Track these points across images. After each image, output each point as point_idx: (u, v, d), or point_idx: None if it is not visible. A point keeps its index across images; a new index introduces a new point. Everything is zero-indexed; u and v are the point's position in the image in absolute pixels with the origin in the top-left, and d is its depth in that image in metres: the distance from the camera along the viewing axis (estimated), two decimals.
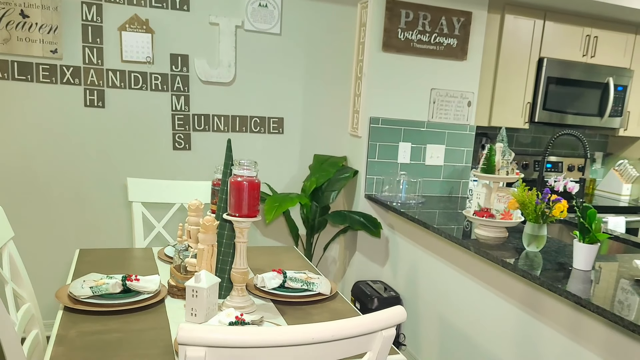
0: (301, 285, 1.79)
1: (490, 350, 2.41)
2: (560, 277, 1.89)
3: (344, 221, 3.09)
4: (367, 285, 3.25)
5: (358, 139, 3.41)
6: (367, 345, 1.17)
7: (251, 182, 1.52)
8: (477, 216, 2.49)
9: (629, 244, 2.72)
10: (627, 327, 1.54)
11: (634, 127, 4.16)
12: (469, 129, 3.52)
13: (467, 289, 2.59)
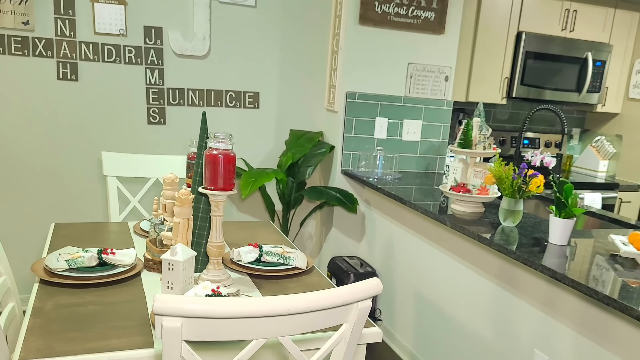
0: (277, 259, 1.82)
1: (467, 325, 2.48)
2: (535, 252, 1.94)
3: (320, 197, 3.11)
4: (343, 260, 3.29)
5: (334, 114, 3.42)
6: (343, 317, 1.20)
7: (227, 155, 1.52)
8: (453, 191, 2.54)
9: (604, 219, 2.80)
10: (602, 301, 1.60)
11: (611, 103, 4.25)
12: (446, 104, 3.56)
13: (443, 264, 2.65)
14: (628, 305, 1.51)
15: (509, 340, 2.20)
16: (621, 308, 1.53)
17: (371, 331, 1.49)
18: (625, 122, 4.27)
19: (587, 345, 1.85)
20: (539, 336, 2.05)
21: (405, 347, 2.96)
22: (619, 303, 1.53)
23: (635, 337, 1.68)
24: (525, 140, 4.36)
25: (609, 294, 1.58)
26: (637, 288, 1.65)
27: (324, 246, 3.62)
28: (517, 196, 2.26)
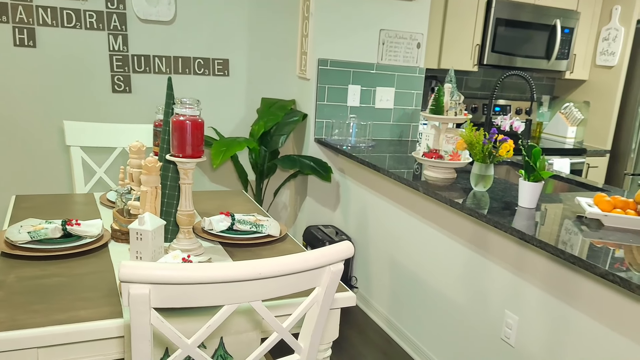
0: (250, 227, 1.80)
1: (440, 289, 2.51)
2: (506, 215, 1.96)
3: (294, 166, 3.09)
4: (318, 229, 3.29)
5: (306, 81, 3.38)
6: (315, 281, 1.20)
7: (194, 121, 1.48)
8: (426, 157, 2.54)
9: (572, 183, 2.85)
10: (568, 260, 1.62)
11: (579, 70, 4.28)
12: (418, 71, 3.54)
13: (417, 230, 2.67)
14: (592, 264, 1.54)
15: (481, 302, 2.24)
16: (586, 266, 1.55)
17: (345, 295, 1.49)
18: (592, 88, 4.32)
19: (554, 303, 1.89)
20: (509, 297, 2.09)
21: (381, 313, 3.00)
22: (584, 262, 1.56)
23: (599, 293, 1.72)
24: (497, 107, 4.39)
25: (574, 253, 1.61)
26: (601, 247, 1.69)
27: (298, 215, 3.61)
28: (487, 161, 2.28)
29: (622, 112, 4.21)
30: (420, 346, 2.66)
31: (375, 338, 2.86)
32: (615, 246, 1.71)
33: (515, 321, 2.05)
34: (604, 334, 1.71)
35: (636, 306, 1.61)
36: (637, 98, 4.09)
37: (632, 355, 1.63)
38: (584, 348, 1.79)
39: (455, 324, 2.41)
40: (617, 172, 4.27)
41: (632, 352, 1.63)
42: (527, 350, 2.01)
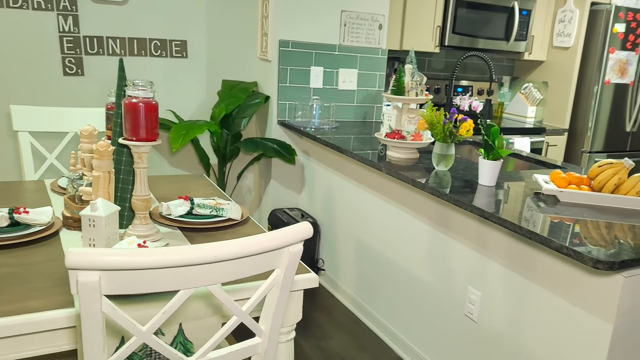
0: (210, 211, 1.76)
1: (406, 268, 2.52)
2: (466, 193, 1.97)
3: (257, 148, 3.04)
4: (283, 212, 3.27)
5: (268, 63, 3.32)
6: (274, 262, 1.17)
7: (147, 103, 1.43)
8: (388, 138, 2.53)
9: (532, 161, 2.89)
10: (525, 235, 1.64)
11: (537, 51, 4.34)
12: (381, 53, 3.52)
13: (382, 211, 2.67)
14: (548, 238, 1.56)
15: (445, 280, 2.26)
16: (542, 241, 1.57)
17: (307, 277, 1.48)
18: (550, 69, 4.39)
19: (515, 278, 1.92)
20: (472, 274, 2.11)
21: (348, 294, 3.01)
22: (540, 236, 1.58)
23: (556, 267, 1.75)
24: (459, 88, 4.41)
25: (531, 228, 1.63)
26: (557, 222, 1.71)
27: (263, 199, 3.58)
28: (448, 141, 2.29)
29: (578, 92, 4.29)
30: (386, 325, 2.68)
31: (342, 319, 2.87)
32: (570, 221, 1.74)
33: (478, 297, 2.08)
34: (561, 306, 1.75)
35: (589, 278, 1.65)
36: (592, 78, 4.17)
37: (586, 325, 1.66)
38: (543, 320, 1.82)
39: (421, 302, 2.43)
40: (575, 150, 4.36)
41: (586, 321, 1.66)
42: (489, 325, 2.04)
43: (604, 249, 1.50)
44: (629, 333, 1.63)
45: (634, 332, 1.63)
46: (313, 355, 2.52)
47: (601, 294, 1.62)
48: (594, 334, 1.64)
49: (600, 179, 1.98)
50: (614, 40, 4.08)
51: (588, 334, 1.66)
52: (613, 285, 1.58)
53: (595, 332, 1.64)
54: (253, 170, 3.72)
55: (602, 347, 1.61)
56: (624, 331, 1.61)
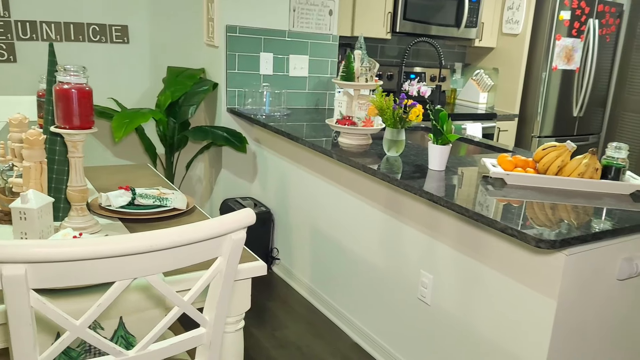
0: (153, 201, 1.72)
1: (360, 254, 2.54)
2: (417, 178, 2.00)
3: (206, 137, 3.00)
4: (236, 202, 3.24)
5: (215, 49, 3.26)
6: (216, 250, 1.16)
7: (80, 89, 1.38)
8: (339, 124, 2.53)
9: (482, 146, 2.95)
10: (472, 218, 1.67)
11: (487, 38, 4.42)
12: (332, 39, 3.51)
13: (335, 198, 2.68)
14: (493, 219, 1.59)
15: (399, 264, 2.29)
16: (488, 222, 1.61)
17: (255, 265, 1.46)
18: (500, 55, 4.48)
19: (465, 260, 1.96)
20: (424, 257, 2.14)
21: (304, 283, 3.01)
22: (486, 218, 1.61)
23: (502, 247, 1.80)
24: (412, 75, 4.46)
25: (478, 210, 1.66)
26: (503, 204, 1.75)
27: (214, 189, 3.53)
28: (398, 126, 2.30)
29: (527, 78, 4.39)
30: (342, 312, 2.70)
31: (298, 308, 2.87)
32: (516, 202, 1.78)
33: (430, 280, 2.11)
34: (509, 285, 1.79)
35: (533, 257, 1.70)
36: (540, 64, 4.29)
37: (532, 302, 1.72)
38: (492, 300, 1.87)
39: (375, 287, 2.45)
40: (525, 135, 4.48)
41: (532, 299, 1.71)
42: (441, 307, 2.08)
43: (547, 229, 1.55)
44: (572, 309, 1.68)
45: (576, 307, 1.69)
46: (268, 344, 2.51)
47: (545, 272, 1.67)
48: (539, 310, 1.69)
49: (544, 161, 2.04)
50: (560, 27, 4.20)
51: (534, 311, 1.71)
52: (556, 264, 1.63)
53: (540, 309, 1.69)
54: (203, 160, 3.66)
55: (547, 323, 1.67)
56: (567, 307, 1.67)
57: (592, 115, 4.69)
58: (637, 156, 4.72)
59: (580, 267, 1.66)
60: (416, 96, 2.34)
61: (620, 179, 2.02)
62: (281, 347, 2.51)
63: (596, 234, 1.57)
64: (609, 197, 1.92)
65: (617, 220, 1.68)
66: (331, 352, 2.50)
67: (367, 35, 3.78)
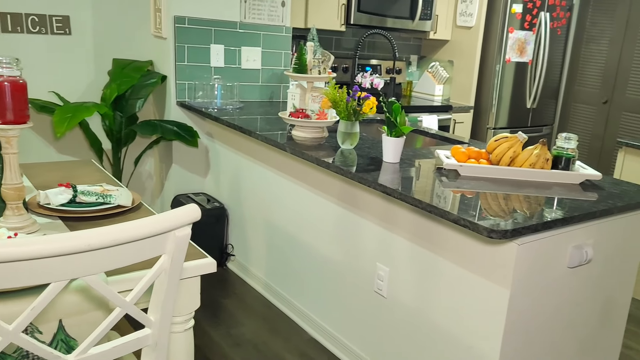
0: (96, 198, 1.67)
1: (316, 248, 2.53)
2: (371, 171, 2.00)
3: (155, 131, 2.93)
4: (188, 198, 3.19)
5: (163, 40, 3.19)
6: (159, 248, 1.12)
7: (14, 82, 1.33)
8: (292, 117, 2.52)
9: (437, 138, 2.99)
10: (426, 209, 1.69)
11: (442, 30, 4.48)
12: (285, 31, 3.49)
13: (290, 192, 2.66)
14: (446, 211, 1.61)
15: (355, 257, 2.29)
16: (441, 214, 1.63)
17: (204, 262, 1.44)
18: (455, 48, 4.55)
19: (420, 252, 1.97)
20: (380, 250, 2.15)
21: (260, 279, 2.98)
22: (439, 209, 1.63)
23: (456, 238, 1.82)
24: (368, 67, 4.47)
25: (431, 202, 1.67)
26: (456, 195, 1.77)
27: (165, 184, 3.46)
28: (352, 119, 2.30)
29: (482, 71, 4.48)
30: (299, 307, 2.69)
31: (254, 305, 2.84)
32: (469, 193, 1.81)
33: (386, 272, 2.13)
34: (463, 276, 1.82)
35: (486, 247, 1.72)
36: (494, 57, 4.37)
37: (486, 292, 1.74)
38: (447, 291, 1.89)
39: (332, 281, 2.45)
40: (481, 127, 4.57)
41: (486, 289, 1.74)
42: (398, 300, 2.10)
43: (499, 219, 1.57)
44: (524, 297, 1.72)
45: (528, 296, 1.73)
46: (223, 343, 2.48)
47: (498, 262, 1.70)
48: (493, 300, 1.72)
49: (497, 152, 2.08)
50: (513, 20, 4.29)
51: (488, 300, 1.74)
52: (508, 253, 1.66)
53: (494, 299, 1.72)
54: (152, 155, 3.58)
55: (500, 312, 1.70)
56: (520, 296, 1.70)
57: (545, 107, 4.81)
58: (588, 146, 4.88)
59: (532, 256, 1.69)
60: (369, 88, 2.34)
61: (570, 168, 2.08)
62: (237, 345, 2.48)
63: (547, 223, 1.61)
64: (559, 187, 1.97)
65: (567, 209, 1.72)
66: (288, 348, 2.49)
67: (321, 27, 3.77)
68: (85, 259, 0.99)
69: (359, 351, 2.33)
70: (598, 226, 1.88)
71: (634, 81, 4.50)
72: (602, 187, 2.02)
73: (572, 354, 1.99)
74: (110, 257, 1.03)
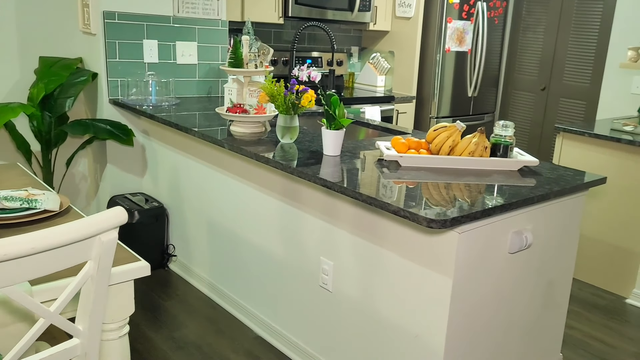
0: (21, 204, 1.59)
1: (260, 245, 2.50)
2: (311, 165, 1.99)
3: (87, 131, 2.83)
4: (125, 199, 3.10)
5: (92, 37, 3.08)
6: (84, 254, 1.08)
7: None
8: (230, 113, 2.48)
9: (379, 129, 3.01)
10: (366, 201, 1.69)
11: (382, 22, 4.52)
12: (221, 24, 3.43)
13: (231, 189, 2.63)
14: (386, 202, 1.62)
15: (299, 253, 2.28)
16: (381, 205, 1.63)
17: (137, 266, 1.39)
18: (395, 39, 4.60)
19: (363, 245, 1.98)
20: (323, 244, 2.15)
21: (203, 279, 2.94)
22: (379, 201, 1.64)
23: (397, 230, 1.84)
24: (309, 59, 4.46)
25: (371, 194, 1.68)
26: (397, 186, 1.79)
27: (100, 185, 3.35)
28: (291, 112, 2.29)
29: (422, 61, 4.54)
30: (244, 305, 2.66)
31: (198, 305, 2.79)
32: (410, 184, 1.83)
33: (331, 267, 2.13)
34: (407, 266, 1.84)
35: (427, 237, 1.75)
36: (433, 47, 4.44)
37: (430, 282, 1.77)
38: (392, 283, 1.91)
39: (277, 278, 2.43)
40: (424, 116, 4.64)
41: (430, 279, 1.77)
42: (343, 293, 2.10)
43: (439, 209, 1.59)
44: (467, 285, 1.76)
45: (471, 283, 1.77)
46: (165, 347, 2.43)
47: (439, 251, 1.72)
48: (436, 289, 1.75)
49: (436, 142, 2.11)
50: (451, 10, 4.37)
51: (432, 290, 1.77)
52: (449, 242, 1.69)
53: (437, 288, 1.75)
54: (86, 155, 3.46)
55: (444, 301, 1.73)
56: (463, 284, 1.74)
57: (486, 95, 4.94)
58: (529, 132, 5.05)
59: (473, 244, 1.73)
60: (307, 81, 2.33)
61: (509, 155, 2.13)
62: (180, 348, 2.43)
63: (485, 210, 1.64)
64: (498, 174, 2.02)
65: (506, 196, 1.77)
66: (234, 348, 2.46)
67: (259, 20, 3.74)
68: (2, 269, 0.94)
69: (307, 347, 2.33)
70: (536, 211, 1.94)
71: (569, 68, 4.68)
72: (539, 172, 2.09)
73: (518, 337, 2.06)
74: (31, 266, 0.98)
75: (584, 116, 4.61)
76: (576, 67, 4.64)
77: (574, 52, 4.64)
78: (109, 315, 1.34)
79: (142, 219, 2.97)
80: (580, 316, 2.91)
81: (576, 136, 3.28)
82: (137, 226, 2.98)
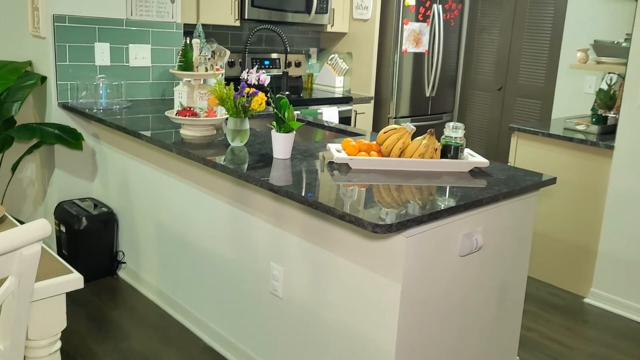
0: None
1: (209, 250, 2.44)
2: (260, 168, 1.95)
3: (34, 135, 2.74)
4: (73, 204, 3.00)
5: (42, 40, 2.98)
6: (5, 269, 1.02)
7: None
8: (180, 116, 2.42)
9: (335, 131, 2.98)
10: (312, 206, 1.66)
11: (339, 23, 4.51)
12: (175, 27, 3.36)
13: (181, 194, 2.56)
14: (331, 207, 1.59)
15: (249, 258, 2.23)
16: (327, 210, 1.60)
17: (70, 278, 1.32)
18: (353, 40, 4.59)
19: (312, 250, 1.94)
20: (273, 250, 2.11)
21: (153, 286, 2.86)
22: (325, 206, 1.60)
23: (346, 235, 1.81)
24: (266, 61, 4.41)
25: (317, 199, 1.64)
26: (346, 190, 1.76)
27: (48, 191, 3.24)
28: (242, 115, 2.24)
29: (380, 62, 4.54)
30: (194, 314, 2.60)
31: (146, 314, 2.72)
32: (360, 187, 1.80)
33: (281, 272, 2.08)
34: (356, 272, 1.81)
35: (375, 242, 1.72)
36: (391, 48, 4.45)
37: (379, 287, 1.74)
38: (342, 288, 1.87)
39: (226, 285, 2.38)
40: (382, 117, 4.63)
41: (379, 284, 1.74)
42: (294, 300, 2.06)
43: (385, 213, 1.57)
44: (416, 289, 1.73)
45: (420, 287, 1.74)
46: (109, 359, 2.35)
47: (388, 256, 1.70)
48: (386, 294, 1.72)
49: (387, 144, 2.09)
50: (407, 12, 4.38)
51: (381, 295, 1.74)
52: (396, 247, 1.66)
53: (387, 293, 1.72)
54: (33, 160, 3.33)
55: (394, 306, 1.70)
56: (412, 288, 1.71)
57: (443, 95, 4.96)
58: (487, 132, 5.10)
59: (422, 248, 1.70)
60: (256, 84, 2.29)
61: (459, 157, 2.12)
62: None
63: (433, 214, 1.62)
64: (449, 176, 2.01)
65: (455, 198, 1.75)
66: (182, 358, 2.39)
67: (215, 23, 3.68)
68: None
69: (257, 357, 2.27)
70: (486, 213, 1.93)
71: (524, 68, 4.74)
72: (490, 173, 2.08)
73: (473, 340, 2.04)
74: None
75: (540, 115, 4.67)
76: (531, 67, 4.70)
77: (528, 53, 4.70)
78: (37, 332, 1.27)
79: (90, 225, 2.88)
80: (538, 317, 2.90)
81: (530, 135, 3.31)
82: (85, 232, 2.88)
